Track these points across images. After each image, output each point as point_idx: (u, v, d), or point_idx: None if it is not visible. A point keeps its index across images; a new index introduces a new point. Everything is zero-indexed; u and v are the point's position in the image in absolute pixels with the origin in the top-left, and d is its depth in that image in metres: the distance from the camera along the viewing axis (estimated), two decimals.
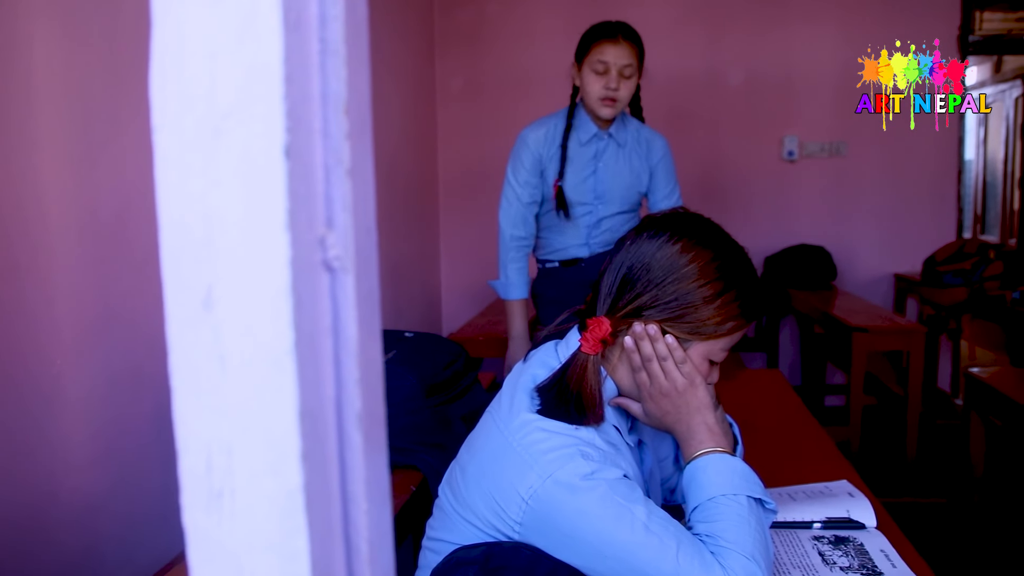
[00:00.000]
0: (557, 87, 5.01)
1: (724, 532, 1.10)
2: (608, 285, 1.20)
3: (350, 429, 0.35)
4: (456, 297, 5.12)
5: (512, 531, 1.11)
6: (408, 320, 4.39)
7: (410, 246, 4.55)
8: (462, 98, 5.05)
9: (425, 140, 4.87)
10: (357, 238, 0.35)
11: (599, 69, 2.43)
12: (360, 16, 0.35)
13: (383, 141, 3.99)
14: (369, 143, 0.36)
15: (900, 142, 5.02)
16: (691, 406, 1.19)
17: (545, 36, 4.99)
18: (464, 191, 5.11)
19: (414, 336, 1.88)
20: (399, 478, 1.68)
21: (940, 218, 5.07)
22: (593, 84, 2.46)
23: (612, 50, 2.44)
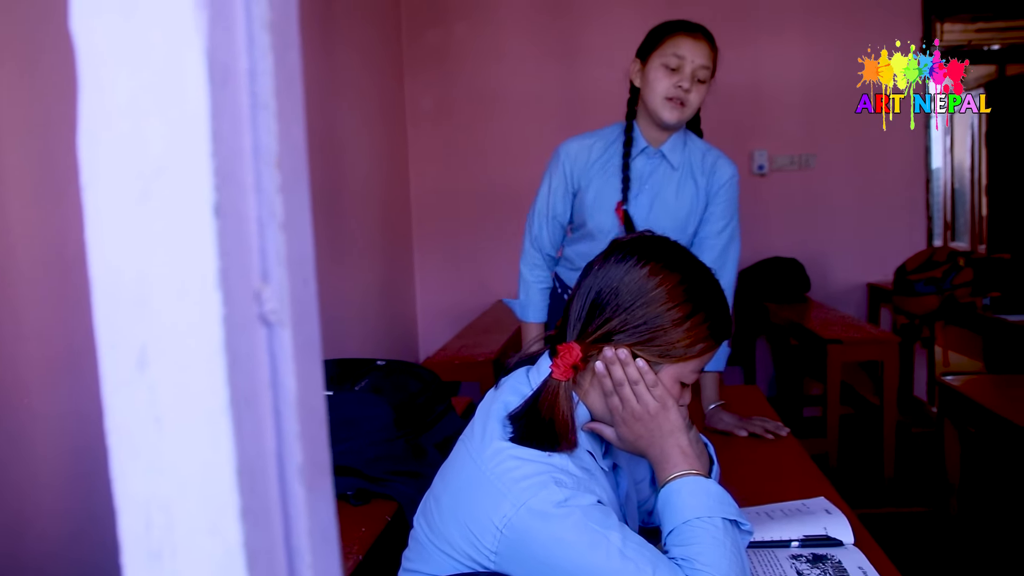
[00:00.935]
0: (526, 107, 5.05)
1: (700, 555, 1.10)
2: (577, 310, 1.21)
3: (292, 483, 0.35)
4: (432, 320, 5.11)
5: (488, 561, 1.10)
6: (383, 345, 4.38)
7: (383, 270, 4.54)
8: (432, 119, 5.06)
9: (396, 162, 4.87)
10: (294, 291, 0.35)
11: (672, 64, 2.11)
12: (292, 69, 0.35)
13: (354, 165, 3.99)
14: (305, 195, 0.36)
15: (868, 153, 5.08)
16: (664, 429, 1.19)
17: (513, 56, 5.02)
18: (437, 213, 5.11)
19: (386, 364, 1.88)
20: (373, 509, 1.67)
21: (910, 227, 5.13)
22: (661, 81, 2.12)
23: (691, 45, 2.12)
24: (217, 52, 0.31)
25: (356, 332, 3.96)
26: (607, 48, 5.04)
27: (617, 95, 5.06)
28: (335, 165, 3.74)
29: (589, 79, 5.04)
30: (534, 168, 5.02)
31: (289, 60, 0.35)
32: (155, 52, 0.30)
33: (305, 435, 0.35)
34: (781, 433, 2.09)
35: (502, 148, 5.09)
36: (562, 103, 5.06)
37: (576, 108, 5.05)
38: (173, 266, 0.32)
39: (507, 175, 5.08)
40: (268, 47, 0.33)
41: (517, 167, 5.07)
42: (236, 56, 0.32)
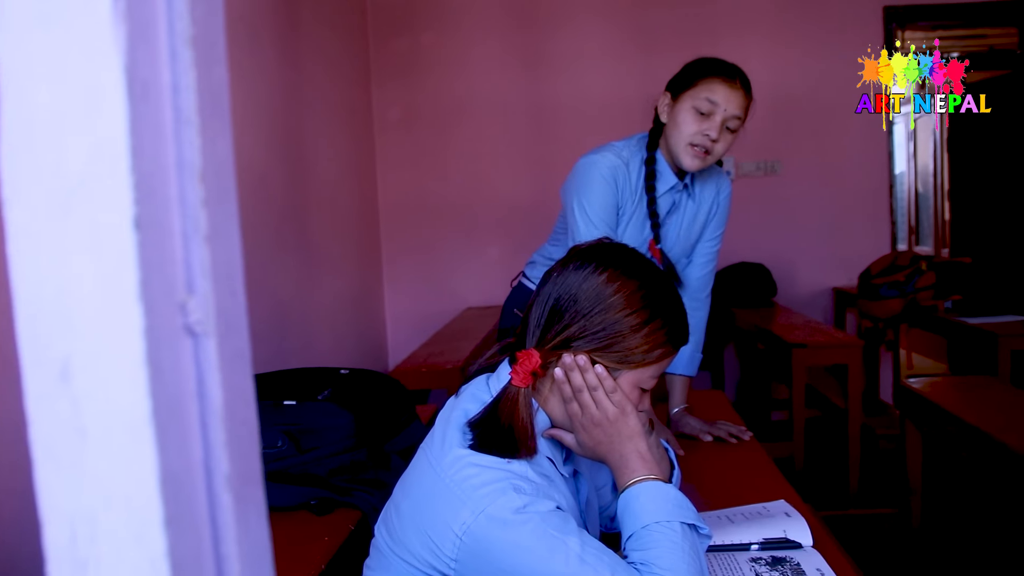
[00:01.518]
0: (493, 115, 5.07)
1: (658, 559, 1.11)
2: (536, 317, 1.21)
3: (220, 492, 0.35)
4: (402, 328, 5.10)
5: (448, 568, 1.11)
6: (353, 354, 4.36)
7: (352, 279, 4.53)
8: (400, 128, 5.06)
9: (364, 171, 4.87)
10: (219, 302, 0.35)
11: (703, 108, 1.95)
12: (217, 84, 0.36)
13: (321, 174, 3.98)
14: (232, 208, 0.37)
15: (832, 159, 5.15)
16: (623, 435, 1.20)
17: (480, 64, 5.03)
18: (406, 221, 5.11)
19: (349, 373, 1.88)
20: (336, 518, 1.67)
21: (875, 231, 5.19)
22: (689, 124, 1.97)
23: (726, 92, 1.95)
24: (137, 67, 0.31)
25: (326, 341, 3.94)
26: (574, 56, 5.07)
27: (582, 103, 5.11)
28: (302, 175, 3.73)
29: (556, 87, 5.06)
30: (502, 176, 5.07)
31: (214, 75, 0.35)
32: (74, 68, 0.31)
33: (232, 444, 0.35)
34: (744, 437, 2.11)
35: (470, 156, 5.10)
36: (529, 111, 5.08)
37: (543, 116, 5.07)
38: (94, 279, 0.32)
39: (475, 183, 5.09)
40: (191, 62, 0.33)
41: (485, 175, 5.09)
42: (158, 71, 0.33)
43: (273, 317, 3.32)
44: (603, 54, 5.07)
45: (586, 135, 5.15)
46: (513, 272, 2.52)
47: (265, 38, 3.36)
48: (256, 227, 3.18)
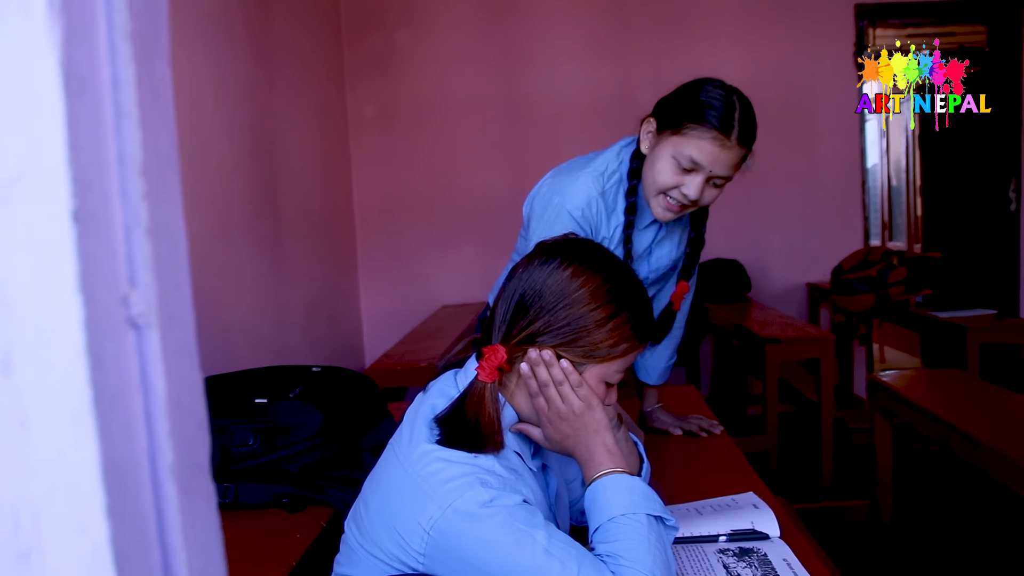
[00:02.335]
0: (469, 113, 5.07)
1: (625, 551, 1.12)
2: (502, 313, 1.22)
3: (165, 482, 0.36)
4: (378, 327, 5.10)
5: (416, 563, 1.11)
6: (328, 352, 4.35)
7: (327, 277, 4.52)
8: (375, 127, 5.05)
9: (339, 169, 4.86)
10: (163, 295, 0.36)
11: (684, 164, 1.67)
12: (159, 78, 0.36)
13: (295, 172, 3.97)
14: (176, 201, 0.37)
15: (805, 155, 5.19)
16: (589, 428, 1.21)
17: (455, 63, 5.03)
18: (381, 219, 5.10)
19: (321, 371, 1.88)
20: (308, 515, 1.67)
21: (847, 227, 5.24)
22: (665, 174, 1.69)
23: (714, 154, 1.65)
24: (74, 63, 0.32)
25: (301, 339, 3.94)
26: (548, 52, 5.08)
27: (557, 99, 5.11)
28: (275, 173, 3.72)
29: (530, 83, 5.07)
30: (477, 173, 5.07)
31: (155, 70, 0.36)
32: (10, 63, 0.31)
33: (177, 435, 0.36)
34: (715, 431, 2.13)
35: (445, 154, 5.10)
36: (504, 108, 5.08)
37: (518, 112, 5.08)
38: (34, 271, 0.32)
39: (451, 180, 5.09)
40: (130, 57, 0.34)
41: (461, 173, 5.09)
42: (97, 66, 0.33)
43: (247, 315, 3.31)
44: (578, 50, 5.08)
45: (561, 131, 5.19)
46: (488, 269, 2.52)
47: (236, 36, 3.35)
48: (228, 225, 3.17)
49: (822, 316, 5.17)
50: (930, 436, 2.44)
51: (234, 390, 1.79)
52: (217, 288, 3.06)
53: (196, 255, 2.66)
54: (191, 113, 2.92)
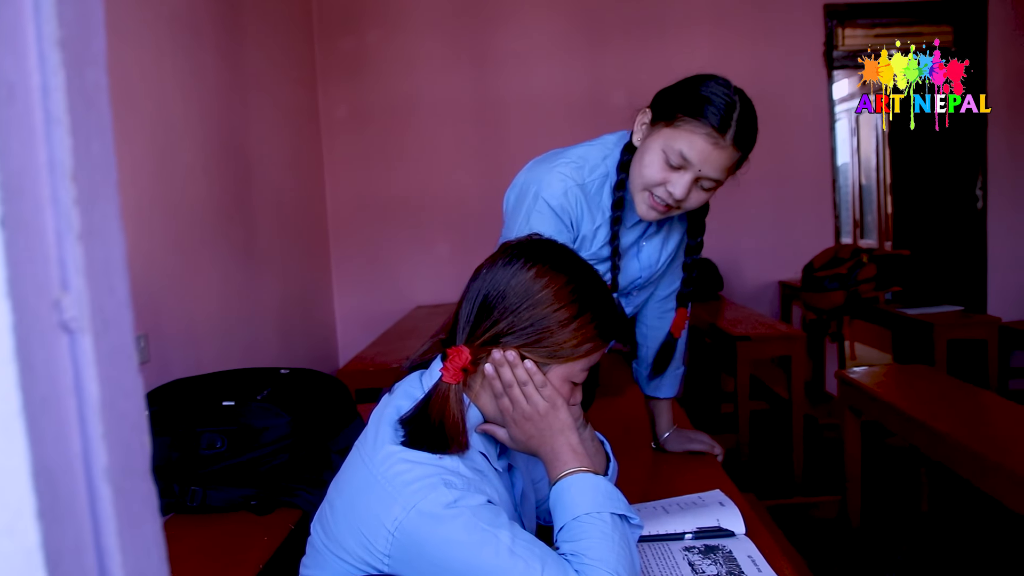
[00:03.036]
0: (442, 113, 5.07)
1: (588, 550, 1.12)
2: (466, 314, 1.22)
3: (99, 484, 0.36)
4: (352, 328, 5.09)
5: (381, 564, 1.11)
6: (301, 354, 4.34)
7: (300, 278, 4.50)
8: (348, 128, 5.04)
9: (311, 170, 4.84)
10: (96, 299, 0.36)
11: (673, 160, 1.57)
12: (92, 84, 0.36)
13: (266, 173, 3.95)
14: (112, 206, 0.38)
15: (776, 154, 5.22)
16: (554, 428, 1.21)
17: (427, 62, 5.03)
18: (354, 220, 5.10)
19: (289, 373, 1.87)
20: (277, 517, 1.67)
21: (818, 225, 5.29)
22: (653, 169, 1.60)
23: (705, 152, 1.55)
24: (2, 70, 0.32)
25: (273, 341, 3.92)
26: (521, 51, 5.09)
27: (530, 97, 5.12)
28: (246, 174, 3.71)
29: (503, 83, 5.08)
30: (451, 173, 5.07)
31: (88, 76, 0.36)
32: None
33: (111, 438, 0.36)
34: (718, 457, 2.01)
35: (418, 154, 5.10)
36: (477, 107, 5.09)
37: (491, 112, 5.09)
38: None
39: (424, 181, 5.09)
40: (59, 64, 0.34)
41: (434, 173, 5.09)
42: (25, 74, 0.33)
43: (218, 318, 3.30)
44: (551, 49, 5.10)
45: (535, 130, 5.20)
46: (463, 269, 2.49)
47: (205, 37, 3.33)
48: (199, 227, 3.16)
49: (794, 314, 5.21)
50: (896, 432, 2.47)
51: (202, 393, 1.78)
52: (187, 291, 3.04)
53: (166, 258, 2.64)
54: (159, 115, 2.90)
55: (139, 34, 2.79)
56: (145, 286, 2.73)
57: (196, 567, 1.46)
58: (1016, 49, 5.09)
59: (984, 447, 1.96)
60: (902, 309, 4.16)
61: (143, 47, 2.81)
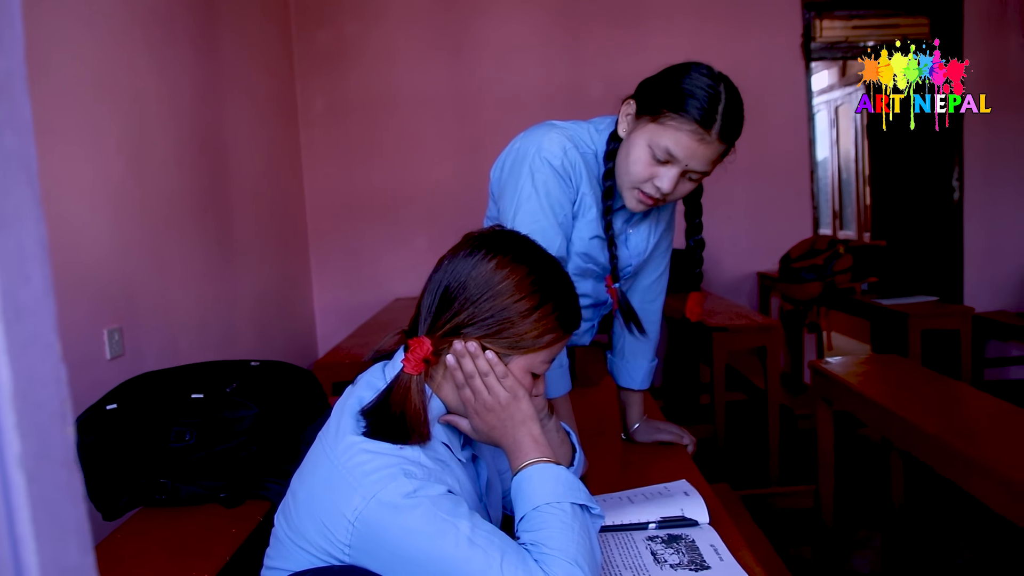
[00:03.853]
0: (420, 105, 5.06)
1: (548, 540, 1.13)
2: (427, 305, 1.23)
3: (12, 473, 0.36)
4: (331, 320, 5.09)
5: (342, 554, 1.12)
6: (279, 346, 4.33)
7: (278, 270, 4.49)
8: (326, 120, 5.03)
9: (289, 162, 4.83)
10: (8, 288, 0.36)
11: (659, 156, 1.57)
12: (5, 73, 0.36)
13: (243, 165, 3.94)
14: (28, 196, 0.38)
15: (756, 146, 5.24)
16: (515, 419, 1.22)
17: (405, 55, 5.02)
18: (333, 212, 5.09)
19: (260, 365, 1.87)
20: (246, 509, 1.67)
21: (797, 216, 5.32)
22: (639, 165, 1.60)
23: (691, 147, 1.55)
24: None
25: (250, 334, 3.91)
26: (499, 43, 5.08)
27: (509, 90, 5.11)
28: (222, 167, 3.69)
29: (482, 75, 5.08)
30: (429, 166, 5.07)
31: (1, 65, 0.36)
32: None
33: (24, 426, 0.36)
34: (688, 448, 2.01)
35: (397, 146, 5.09)
36: (456, 99, 5.08)
37: (469, 104, 5.08)
38: None
39: (403, 173, 5.08)
40: None
41: (413, 165, 5.08)
42: None
43: (194, 311, 3.29)
44: (529, 40, 5.09)
45: (513, 122, 5.14)
46: None
47: (180, 27, 3.31)
48: (175, 221, 3.14)
49: (772, 305, 5.24)
50: (866, 422, 2.49)
51: (171, 386, 1.78)
52: (163, 284, 3.03)
53: (140, 251, 2.63)
54: (133, 108, 2.88)
55: (111, 25, 2.77)
56: (119, 280, 2.72)
57: (162, 560, 1.46)
58: (991, 41, 5.13)
59: (952, 437, 1.98)
60: (878, 300, 4.19)
61: (116, 39, 2.79)
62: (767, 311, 5.24)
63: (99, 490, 1.69)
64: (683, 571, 1.29)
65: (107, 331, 2.60)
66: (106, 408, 1.70)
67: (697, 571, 1.29)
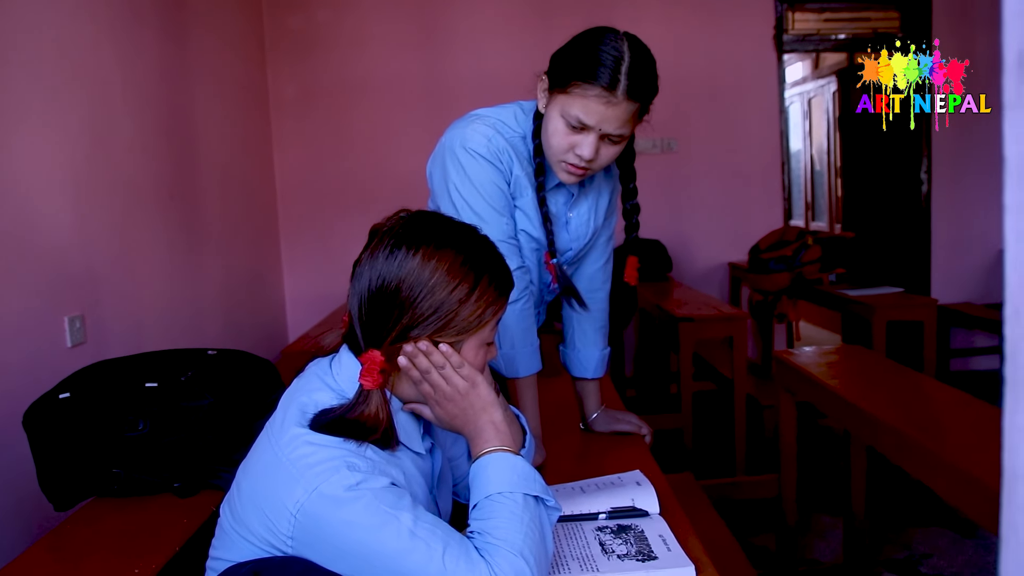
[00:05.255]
0: (392, 93, 5.04)
1: (495, 529, 1.13)
2: (362, 315, 1.21)
3: None
4: (302, 308, 5.07)
5: (285, 546, 1.12)
6: (247, 334, 4.31)
7: (247, 258, 4.46)
8: (297, 106, 5.00)
9: (259, 150, 4.80)
10: None
11: (573, 123, 1.60)
12: None
13: (211, 152, 3.91)
14: None
15: (727, 137, 5.27)
16: (475, 407, 1.22)
17: (377, 41, 5.00)
18: (304, 200, 5.06)
19: (217, 354, 1.86)
20: (200, 500, 1.66)
21: (768, 208, 5.35)
22: (558, 137, 1.63)
23: (600, 112, 1.57)
24: None
25: (218, 321, 3.89)
26: (471, 30, 5.07)
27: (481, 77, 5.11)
28: (189, 151, 3.66)
29: (454, 62, 5.06)
30: (401, 153, 5.05)
31: None
32: None
33: None
34: (647, 438, 1.99)
35: (369, 134, 5.07)
36: (427, 87, 5.07)
37: (441, 92, 5.06)
38: None
39: (374, 161, 5.07)
40: None
41: (384, 153, 5.07)
42: None
43: (160, 298, 3.27)
44: (501, 26, 5.08)
45: None
46: None
47: (146, 9, 3.28)
48: (140, 206, 3.12)
49: (743, 295, 5.27)
50: (827, 413, 2.51)
51: (126, 374, 1.76)
52: (127, 271, 3.01)
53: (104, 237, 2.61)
54: (98, 91, 2.86)
55: (76, 6, 2.73)
56: (82, 266, 2.70)
57: (111, 550, 1.45)
58: (961, 35, 5.16)
59: (909, 428, 2.00)
60: (844, 291, 4.22)
61: (78, 20, 2.76)
62: (738, 302, 5.27)
63: (50, 480, 1.68)
64: (630, 561, 1.30)
65: (68, 318, 2.58)
66: (59, 397, 1.69)
67: (644, 561, 1.30)
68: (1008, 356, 0.48)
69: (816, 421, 4.56)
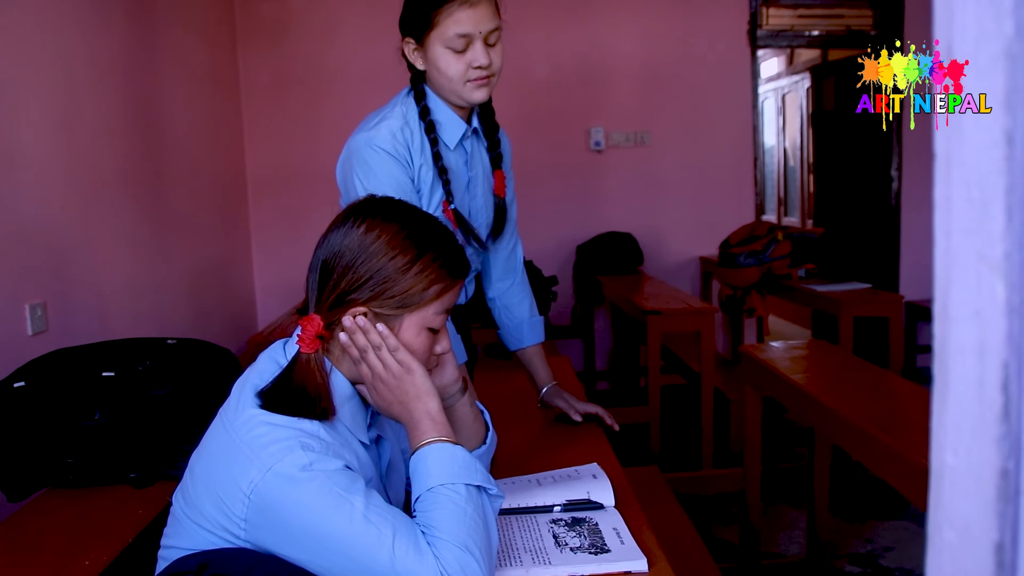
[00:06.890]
0: (365, 81, 5.00)
1: (439, 522, 1.13)
2: (311, 282, 1.24)
3: None
4: (272, 297, 5.04)
5: (239, 528, 1.11)
6: (216, 324, 4.29)
7: (216, 247, 4.43)
8: (270, 94, 4.96)
9: (229, 138, 4.75)
10: None
11: (458, 46, 1.74)
12: None
13: (180, 139, 3.87)
14: None
15: (700, 131, 5.29)
16: (409, 394, 1.22)
17: (351, 30, 4.96)
18: (275, 189, 5.03)
19: (176, 343, 1.85)
20: (156, 490, 1.65)
21: (740, 202, 5.38)
22: (452, 65, 1.75)
23: (469, 15, 1.73)
24: None
25: (185, 310, 3.86)
26: None
27: None
28: (157, 139, 3.63)
29: None
30: None
31: None
32: None
33: None
34: (615, 427, 2.00)
35: (341, 123, 4.96)
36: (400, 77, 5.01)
37: None
38: None
39: None
40: None
41: None
42: None
43: (125, 286, 3.24)
44: None
45: None
46: None
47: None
48: (105, 193, 3.08)
49: (713, 289, 5.29)
50: (790, 408, 2.53)
51: (83, 363, 1.75)
52: (92, 258, 2.98)
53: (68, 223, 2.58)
54: (62, 76, 2.82)
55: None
56: (43, 252, 2.67)
57: (63, 541, 1.44)
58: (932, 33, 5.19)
59: (869, 424, 2.02)
60: (813, 286, 4.25)
61: (43, 6, 2.72)
62: (708, 296, 5.30)
63: (3, 470, 1.66)
64: (583, 554, 1.30)
65: (29, 306, 2.55)
66: (13, 386, 1.67)
67: (597, 554, 1.30)
68: (936, 353, 0.47)
69: (782, 415, 4.59)
